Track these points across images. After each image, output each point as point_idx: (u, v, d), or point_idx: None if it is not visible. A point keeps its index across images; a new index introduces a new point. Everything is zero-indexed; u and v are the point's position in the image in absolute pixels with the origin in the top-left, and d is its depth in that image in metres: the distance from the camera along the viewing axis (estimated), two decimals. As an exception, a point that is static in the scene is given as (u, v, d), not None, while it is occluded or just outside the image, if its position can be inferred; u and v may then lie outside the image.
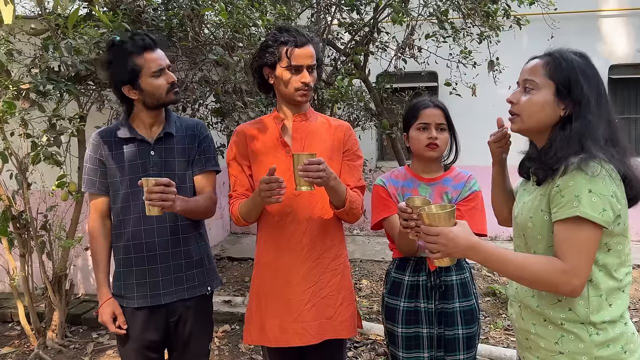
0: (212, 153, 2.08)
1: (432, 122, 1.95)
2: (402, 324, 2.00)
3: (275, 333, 1.89)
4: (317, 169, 1.65)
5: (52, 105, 3.32)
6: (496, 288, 4.69)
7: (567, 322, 1.34)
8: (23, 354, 3.67)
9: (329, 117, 2.06)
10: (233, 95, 3.69)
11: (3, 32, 3.23)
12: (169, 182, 1.72)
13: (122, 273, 1.98)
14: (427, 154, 1.97)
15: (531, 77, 1.39)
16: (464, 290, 2.00)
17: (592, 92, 1.33)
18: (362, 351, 3.55)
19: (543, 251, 1.36)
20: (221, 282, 2.19)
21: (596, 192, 1.24)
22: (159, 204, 1.71)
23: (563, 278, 1.25)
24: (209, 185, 2.04)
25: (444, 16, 4.26)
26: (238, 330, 4.02)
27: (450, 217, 1.33)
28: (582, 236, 1.26)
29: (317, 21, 4.42)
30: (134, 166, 1.95)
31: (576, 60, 1.36)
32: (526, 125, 1.41)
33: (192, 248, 2.02)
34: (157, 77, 1.89)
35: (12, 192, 3.53)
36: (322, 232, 1.91)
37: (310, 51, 1.85)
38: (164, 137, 1.98)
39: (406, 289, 2.01)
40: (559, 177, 1.29)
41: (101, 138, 1.98)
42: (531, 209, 1.38)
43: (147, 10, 3.50)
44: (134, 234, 1.94)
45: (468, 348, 1.98)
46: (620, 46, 6.64)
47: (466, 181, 2.01)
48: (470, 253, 1.31)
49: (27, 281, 3.64)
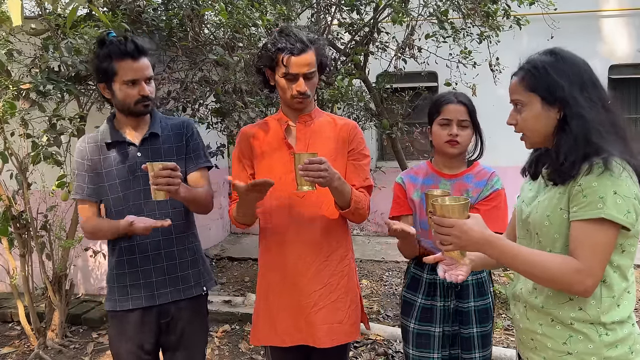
0: (201, 150, 2.06)
1: (454, 119, 1.93)
2: (416, 320, 2.01)
3: (287, 333, 1.88)
4: (318, 169, 1.64)
5: (52, 105, 3.31)
6: (496, 288, 4.68)
7: (576, 321, 1.33)
8: (23, 354, 3.67)
9: (336, 116, 2.03)
10: (233, 95, 3.69)
11: (3, 32, 3.23)
12: (175, 166, 1.72)
13: (116, 275, 1.98)
14: (447, 150, 1.95)
15: (515, 96, 1.40)
16: (480, 290, 2.00)
17: (573, 85, 1.31)
18: (362, 351, 3.55)
19: (559, 250, 1.34)
20: (216, 283, 2.18)
21: (621, 194, 1.23)
22: (166, 188, 1.70)
23: (577, 277, 1.25)
24: (203, 180, 2.03)
25: (444, 16, 4.26)
26: (238, 330, 4.02)
27: (464, 210, 1.31)
28: (601, 237, 1.25)
29: (317, 21, 4.42)
30: (121, 169, 1.94)
31: (546, 61, 1.35)
32: (533, 140, 1.42)
33: (186, 248, 2.01)
34: (128, 85, 1.86)
35: (13, 192, 3.53)
36: (328, 233, 1.90)
37: (307, 59, 1.80)
38: (150, 138, 1.97)
39: (425, 286, 2.02)
40: (582, 176, 1.27)
41: (87, 144, 1.98)
42: (548, 207, 1.36)
43: (147, 10, 3.51)
44: (126, 237, 1.93)
45: (483, 346, 1.99)
46: (621, 46, 6.64)
47: (488, 179, 1.98)
48: (485, 247, 1.30)
49: (27, 281, 3.63)
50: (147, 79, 1.89)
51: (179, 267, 1.99)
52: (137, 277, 1.95)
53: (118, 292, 1.96)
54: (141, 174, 1.89)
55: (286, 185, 1.84)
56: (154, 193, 1.72)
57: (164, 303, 1.96)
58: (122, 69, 1.85)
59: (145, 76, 1.88)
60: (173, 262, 1.98)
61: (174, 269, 1.98)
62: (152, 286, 1.95)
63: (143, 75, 1.87)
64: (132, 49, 1.84)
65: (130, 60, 1.84)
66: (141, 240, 1.93)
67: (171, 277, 1.97)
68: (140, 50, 1.86)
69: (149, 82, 1.90)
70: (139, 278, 1.95)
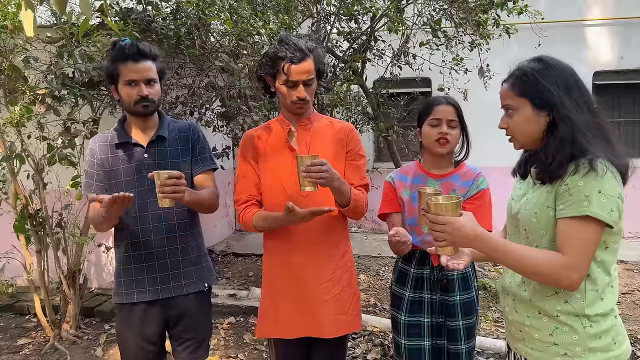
0: (207, 152, 2.06)
1: (443, 118, 1.94)
2: (406, 313, 2.01)
3: (291, 325, 1.89)
4: (319, 170, 1.65)
5: (67, 109, 3.32)
6: (486, 282, 4.68)
7: (562, 314, 1.34)
8: (39, 345, 3.67)
9: (333, 119, 2.04)
10: (238, 100, 3.69)
11: (20, 41, 3.23)
12: (180, 174, 1.72)
13: (122, 270, 1.98)
14: (437, 149, 1.96)
15: (507, 101, 1.40)
16: (465, 284, 2.00)
17: (561, 90, 1.32)
18: (359, 342, 3.55)
19: (546, 245, 1.35)
20: (217, 279, 2.18)
21: (605, 193, 1.24)
22: (172, 196, 1.71)
23: (564, 272, 1.25)
24: (209, 182, 2.03)
25: (437, 25, 4.26)
26: (242, 322, 4.02)
27: (456, 208, 1.32)
28: (587, 234, 1.25)
29: (317, 30, 4.42)
30: (128, 169, 1.94)
31: (535, 68, 1.36)
32: (522, 142, 1.42)
33: (189, 246, 2.01)
34: (129, 86, 1.87)
35: (29, 191, 3.53)
36: (329, 230, 1.90)
37: (307, 66, 1.80)
38: (157, 140, 1.97)
39: (412, 280, 2.02)
40: (569, 176, 1.27)
41: (97, 143, 1.98)
42: (536, 205, 1.37)
43: (156, 19, 3.51)
44: (133, 234, 1.94)
45: (468, 338, 2.00)
46: (604, 53, 6.64)
47: (474, 179, 1.99)
48: (476, 243, 1.30)
49: (43, 276, 3.64)
50: (147, 80, 1.88)
51: (181, 264, 1.99)
52: (142, 272, 1.95)
53: (124, 286, 1.97)
54: (147, 174, 1.90)
55: (289, 185, 1.85)
56: (160, 200, 1.72)
57: (168, 297, 1.97)
58: (123, 71, 1.86)
59: (145, 78, 1.88)
60: (176, 259, 1.98)
61: (177, 266, 1.98)
62: (156, 281, 1.96)
63: (142, 76, 1.87)
64: (133, 51, 1.85)
65: (131, 62, 1.85)
66: (147, 237, 1.94)
67: (174, 273, 1.98)
68: (141, 53, 1.87)
69: (150, 84, 1.90)
70: (143, 273, 1.95)
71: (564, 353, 1.33)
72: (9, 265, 3.98)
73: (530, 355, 1.41)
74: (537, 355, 1.38)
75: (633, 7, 6.37)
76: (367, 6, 4.19)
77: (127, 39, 1.91)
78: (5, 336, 3.83)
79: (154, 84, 1.91)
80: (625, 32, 6.56)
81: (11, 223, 3.49)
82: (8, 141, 3.24)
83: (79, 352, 3.55)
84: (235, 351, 3.48)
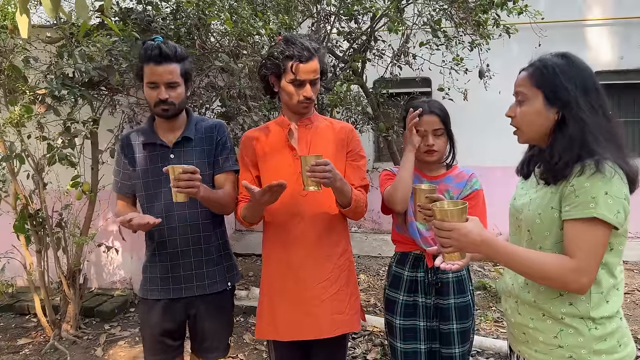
0: (229, 154, 2.05)
1: (429, 130, 1.92)
2: (401, 316, 1.99)
3: (287, 328, 1.87)
4: (324, 170, 1.64)
5: (67, 109, 3.31)
6: (486, 282, 4.67)
7: (567, 316, 1.32)
8: (39, 345, 3.65)
9: (333, 120, 2.04)
10: (238, 100, 3.68)
11: (20, 41, 3.22)
12: (194, 169, 1.71)
13: (149, 267, 2.02)
14: (426, 159, 1.96)
15: (520, 89, 1.38)
16: (460, 287, 1.97)
17: (578, 89, 1.30)
18: (359, 342, 3.54)
19: (550, 247, 1.33)
20: (241, 276, 2.20)
21: (612, 194, 1.22)
22: (186, 191, 1.70)
23: (572, 276, 1.23)
24: (227, 183, 2.01)
25: (437, 25, 4.24)
26: (242, 322, 4.01)
27: (462, 214, 1.29)
28: (595, 236, 1.23)
29: (317, 30, 4.40)
30: (154, 169, 1.96)
31: (557, 63, 1.34)
32: (527, 135, 1.40)
33: (212, 246, 2.02)
34: (150, 88, 1.88)
35: (29, 191, 3.52)
36: (328, 229, 1.89)
37: (314, 66, 1.82)
38: (183, 141, 1.97)
39: (405, 283, 2.00)
40: (575, 177, 1.25)
41: (127, 141, 2.01)
42: (540, 205, 1.35)
43: (156, 19, 3.49)
44: (159, 232, 1.95)
45: (462, 342, 1.97)
46: (604, 53, 6.62)
47: (468, 180, 1.98)
48: (482, 248, 1.28)
49: (43, 276, 3.63)
50: (167, 83, 1.87)
51: (205, 264, 1.99)
52: (167, 270, 1.97)
53: (150, 282, 2.00)
54: None
55: (290, 184, 1.82)
56: (174, 195, 1.72)
57: (190, 296, 1.98)
58: (146, 72, 1.88)
59: (164, 80, 1.87)
60: (200, 258, 1.98)
61: (201, 265, 1.99)
62: (180, 280, 1.97)
63: (162, 79, 1.86)
64: (155, 54, 1.84)
65: (153, 64, 1.85)
66: (172, 237, 1.95)
67: (198, 272, 1.98)
68: (163, 55, 1.85)
69: (170, 87, 1.88)
70: (167, 271, 1.97)
71: (569, 356, 1.31)
72: (9, 265, 3.97)
73: (534, 357, 1.39)
74: (541, 357, 1.37)
75: (633, 7, 6.35)
76: (367, 6, 4.17)
77: (159, 37, 1.90)
78: (5, 336, 3.81)
79: (176, 87, 1.90)
80: (625, 32, 6.55)
81: (11, 223, 3.48)
82: (8, 141, 3.23)
83: (79, 352, 3.54)
84: (235, 351, 3.47)
